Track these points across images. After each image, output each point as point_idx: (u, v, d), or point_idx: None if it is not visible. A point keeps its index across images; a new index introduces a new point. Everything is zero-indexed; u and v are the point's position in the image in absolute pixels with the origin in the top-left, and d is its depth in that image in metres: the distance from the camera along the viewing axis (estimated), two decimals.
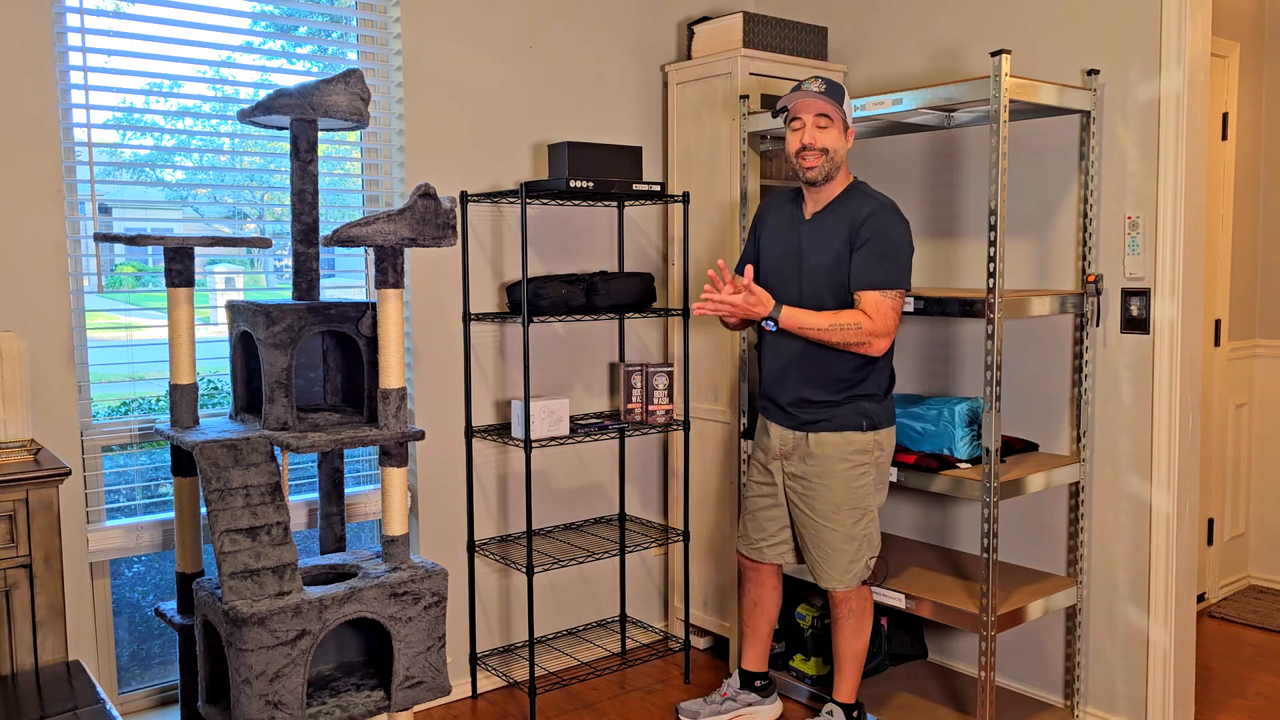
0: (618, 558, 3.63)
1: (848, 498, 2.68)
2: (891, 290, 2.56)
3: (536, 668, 3.45)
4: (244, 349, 2.62)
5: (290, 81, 2.97)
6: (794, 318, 2.57)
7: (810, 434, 2.70)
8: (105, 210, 2.75)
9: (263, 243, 2.56)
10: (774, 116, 2.74)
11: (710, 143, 3.41)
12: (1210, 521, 4.05)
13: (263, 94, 2.74)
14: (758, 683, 3.04)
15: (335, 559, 2.59)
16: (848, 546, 2.69)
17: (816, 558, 2.73)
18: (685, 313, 3.31)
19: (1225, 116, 3.95)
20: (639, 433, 3.37)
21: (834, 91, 2.61)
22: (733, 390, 3.39)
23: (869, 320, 2.54)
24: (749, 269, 2.59)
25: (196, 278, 2.55)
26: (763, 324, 2.60)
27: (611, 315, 3.24)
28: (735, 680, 3.05)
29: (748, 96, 3.25)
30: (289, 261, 2.86)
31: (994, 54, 2.54)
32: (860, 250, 2.57)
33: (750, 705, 3.02)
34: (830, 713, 2.86)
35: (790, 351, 2.71)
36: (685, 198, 3.28)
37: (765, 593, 2.96)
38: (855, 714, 2.86)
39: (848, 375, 2.65)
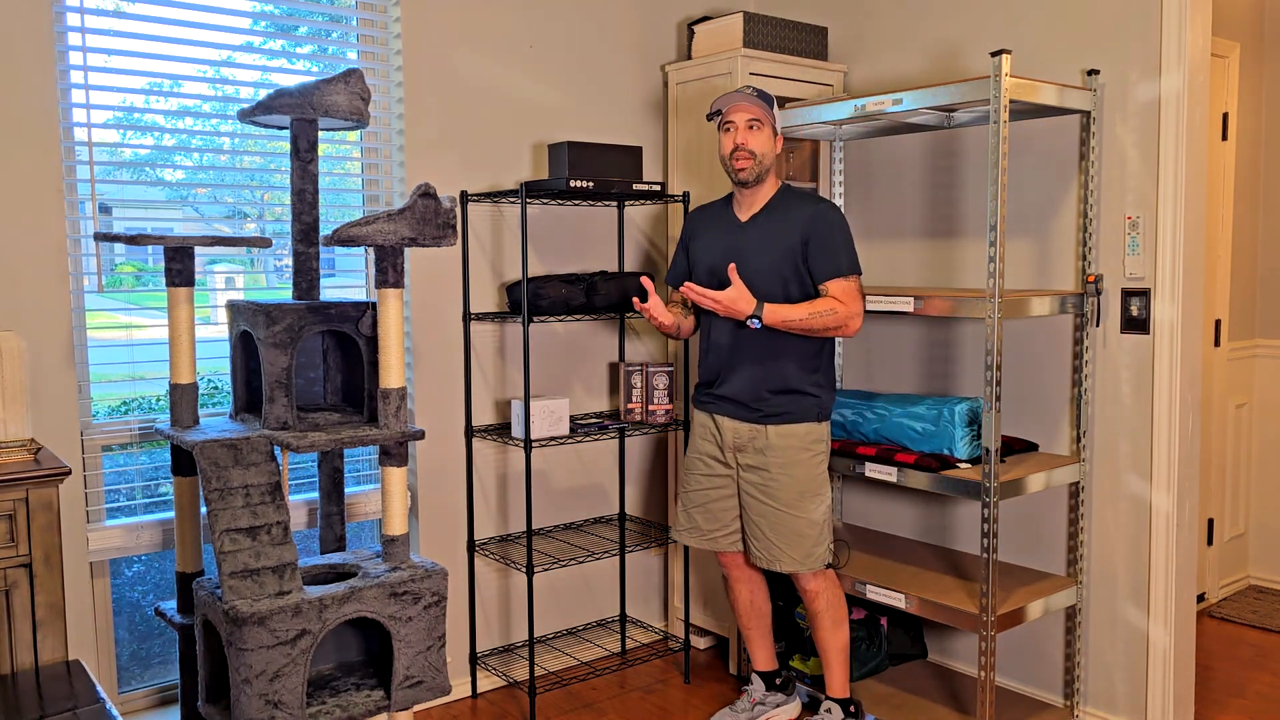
0: (618, 557, 3.63)
1: (811, 484, 2.77)
2: (854, 275, 2.70)
3: (536, 667, 3.45)
4: (244, 348, 2.62)
5: (290, 81, 2.97)
6: (777, 313, 2.66)
7: (771, 426, 2.76)
8: (105, 210, 2.75)
9: (263, 242, 2.56)
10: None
11: (710, 143, 3.41)
12: (1210, 521, 4.05)
13: (263, 94, 2.74)
14: (777, 680, 3.08)
15: (335, 559, 2.59)
16: (811, 531, 2.77)
17: (778, 544, 2.77)
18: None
19: (1225, 116, 3.95)
20: (639, 432, 3.37)
21: (765, 98, 2.73)
22: None
23: (841, 305, 2.67)
24: (733, 268, 2.62)
25: (196, 277, 2.55)
26: (748, 322, 2.66)
27: (612, 315, 3.25)
28: (760, 684, 3.06)
29: None
30: (289, 261, 2.86)
31: (994, 54, 2.54)
32: (816, 246, 2.70)
33: (779, 705, 3.07)
34: (829, 710, 2.86)
35: (745, 349, 2.77)
36: (685, 198, 3.28)
37: (757, 589, 3.00)
38: (852, 708, 2.87)
39: (804, 370, 2.75)
